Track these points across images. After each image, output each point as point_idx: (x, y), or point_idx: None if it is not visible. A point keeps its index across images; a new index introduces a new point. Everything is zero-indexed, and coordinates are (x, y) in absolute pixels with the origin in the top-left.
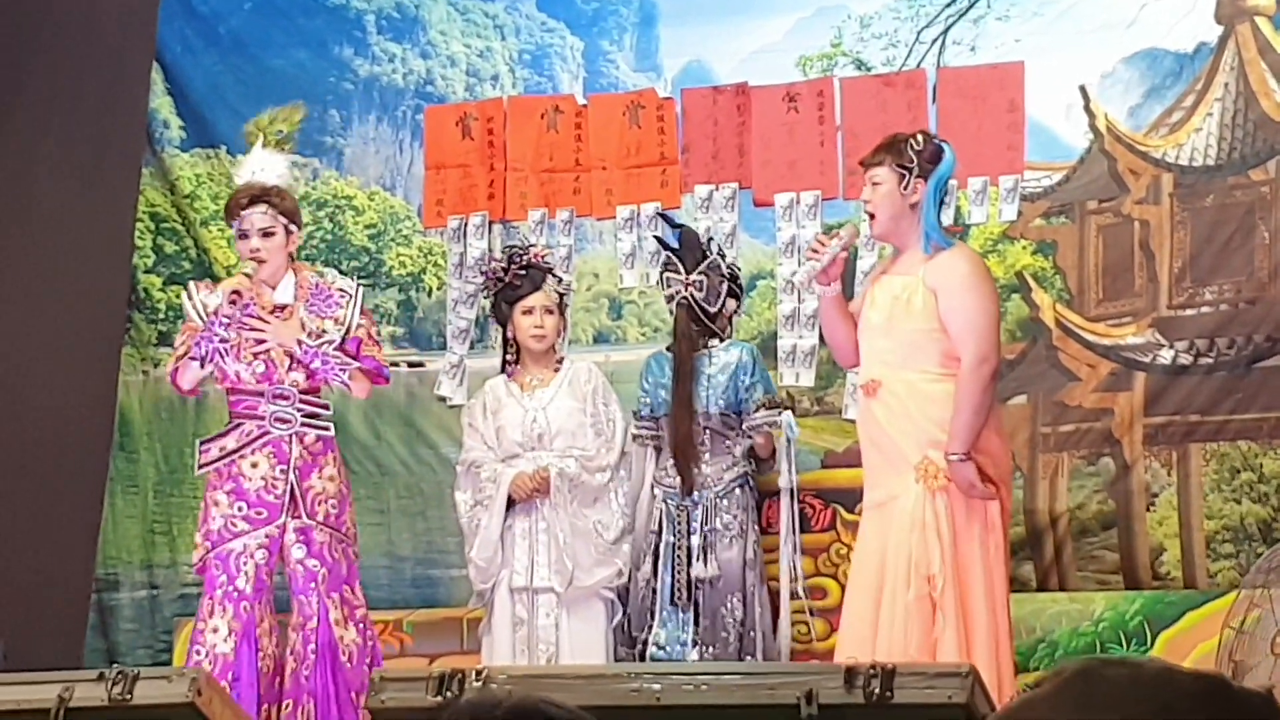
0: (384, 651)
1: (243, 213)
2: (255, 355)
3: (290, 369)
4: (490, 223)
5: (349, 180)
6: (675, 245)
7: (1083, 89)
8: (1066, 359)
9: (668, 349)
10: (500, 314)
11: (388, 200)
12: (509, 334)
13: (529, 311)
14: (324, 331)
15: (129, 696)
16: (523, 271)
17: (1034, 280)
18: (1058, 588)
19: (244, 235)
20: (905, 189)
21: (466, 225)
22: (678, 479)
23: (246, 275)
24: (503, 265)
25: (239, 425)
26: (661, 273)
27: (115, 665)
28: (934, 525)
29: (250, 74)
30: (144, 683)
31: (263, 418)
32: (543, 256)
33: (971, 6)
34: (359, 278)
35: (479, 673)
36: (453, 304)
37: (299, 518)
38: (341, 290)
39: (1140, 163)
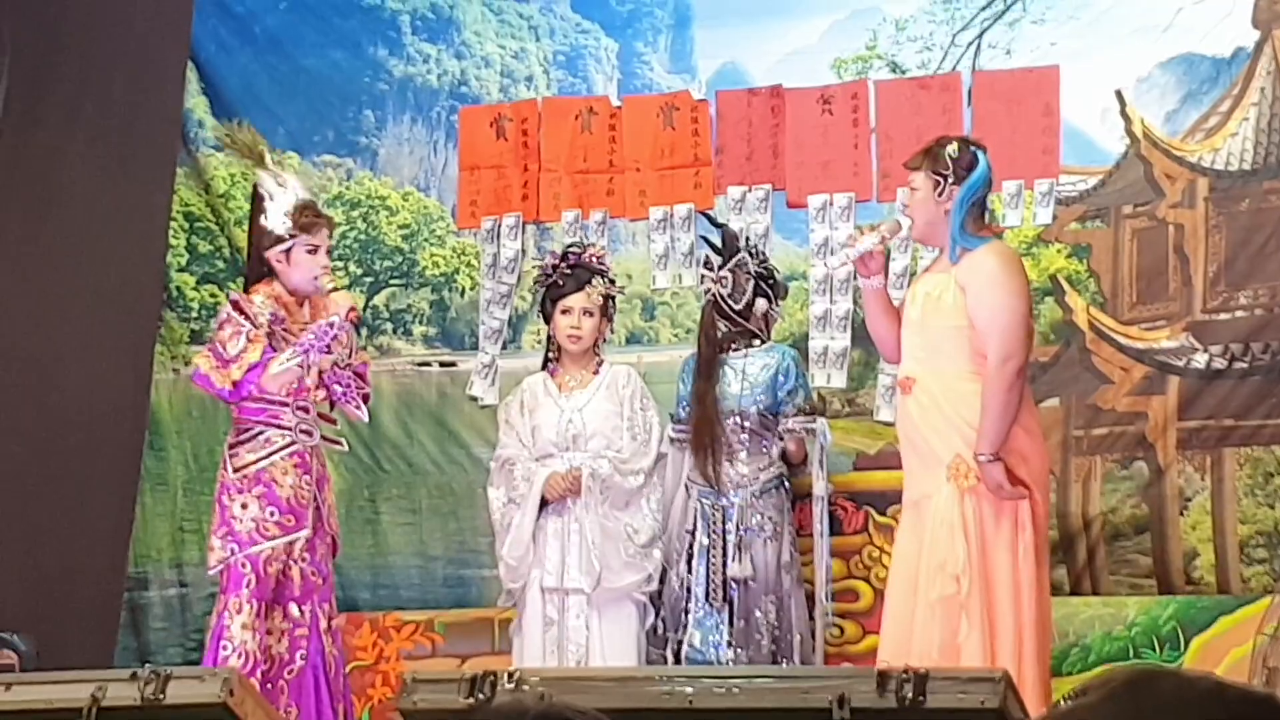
0: (415, 652)
1: (318, 230)
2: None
3: (316, 385)
4: (524, 223)
5: (383, 180)
6: (717, 243)
7: (1118, 93)
8: (1100, 362)
9: None
10: (545, 310)
11: (422, 201)
12: (551, 332)
13: (567, 312)
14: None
15: (162, 696)
16: (569, 271)
17: (1068, 283)
18: (1090, 592)
19: (314, 251)
20: (940, 195)
21: (500, 226)
22: (715, 476)
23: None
24: (553, 262)
25: (262, 433)
26: (702, 272)
27: (148, 664)
28: (962, 525)
29: (285, 73)
30: (176, 682)
31: (289, 428)
32: (599, 257)
33: (1007, 10)
34: (392, 278)
35: (511, 674)
36: (485, 304)
37: (315, 528)
38: (329, 324)
39: (1176, 167)
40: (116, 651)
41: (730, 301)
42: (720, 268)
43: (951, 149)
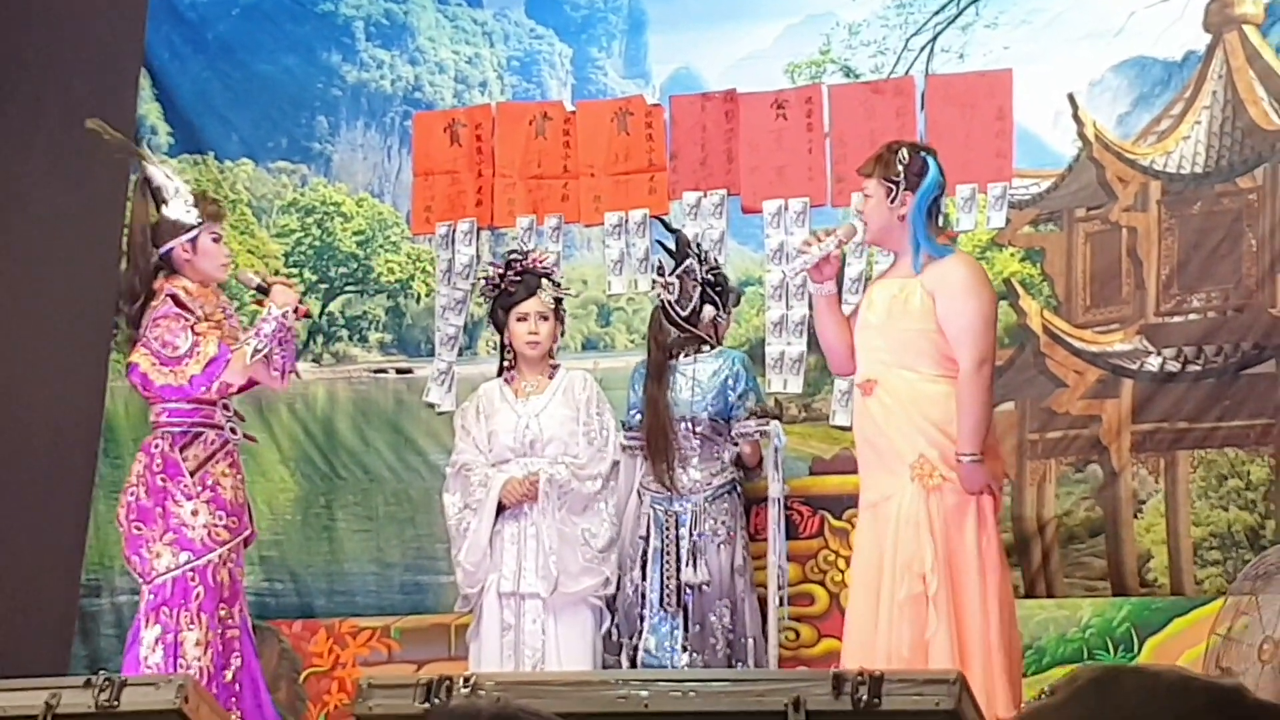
0: (371, 658)
1: (221, 220)
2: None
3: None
4: (478, 229)
5: (337, 187)
6: (671, 248)
7: (1071, 97)
8: (1054, 365)
9: None
10: (497, 320)
11: (376, 207)
12: (505, 340)
13: (523, 318)
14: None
15: (116, 703)
16: (518, 278)
17: (1022, 287)
18: (1045, 594)
19: (218, 239)
20: (893, 201)
21: (455, 232)
22: (667, 481)
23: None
24: (499, 271)
25: (201, 434)
26: (654, 277)
27: (102, 672)
28: (928, 524)
29: (238, 80)
30: (131, 689)
31: (220, 426)
32: (541, 261)
33: (960, 14)
34: (347, 284)
35: (467, 679)
36: (441, 310)
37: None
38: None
39: (1128, 170)
40: (70, 659)
41: (677, 308)
42: (670, 274)
43: (902, 155)
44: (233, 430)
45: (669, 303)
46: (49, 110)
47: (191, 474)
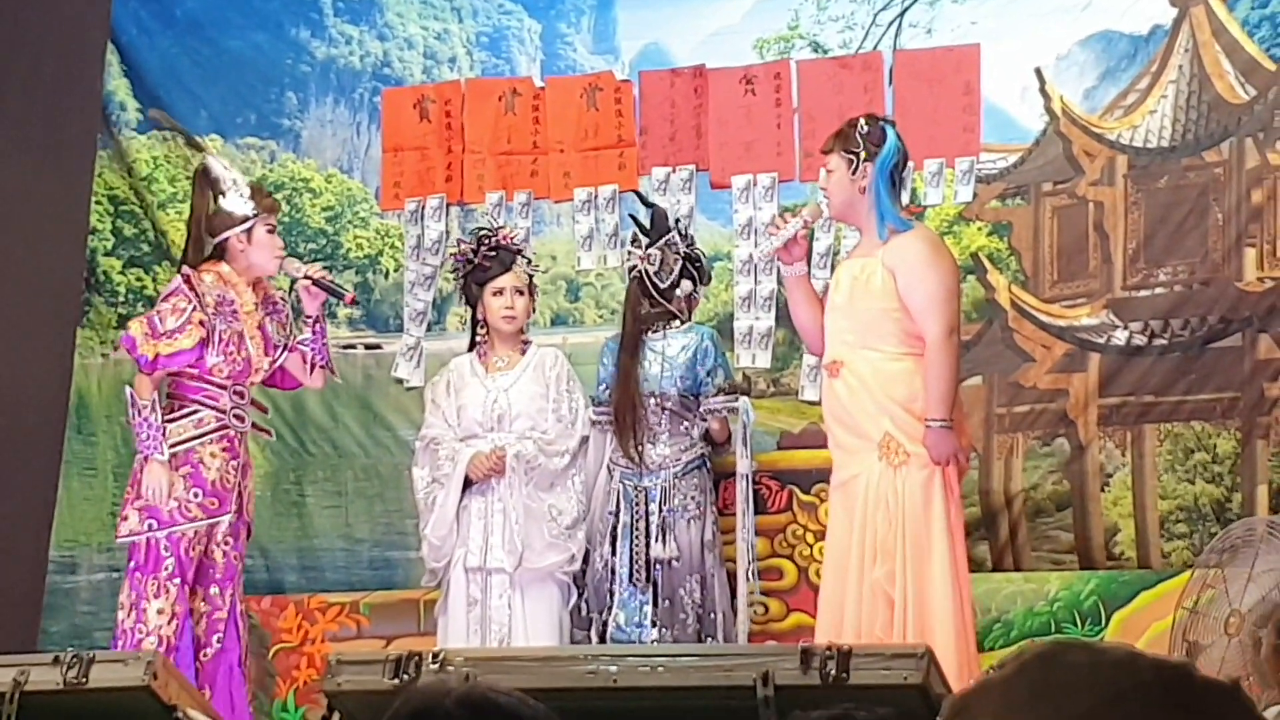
0: (340, 634)
1: (275, 213)
2: (238, 351)
3: (258, 370)
4: (448, 205)
5: (306, 163)
6: (646, 222)
7: (1038, 71)
8: (1021, 340)
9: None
10: (470, 295)
11: (345, 183)
12: (479, 315)
13: (499, 292)
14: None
15: (84, 680)
16: (492, 253)
17: (989, 261)
18: (1013, 568)
19: (272, 230)
20: (855, 173)
21: (424, 207)
22: (636, 457)
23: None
24: (472, 246)
25: (196, 412)
26: (628, 249)
27: (70, 649)
28: (895, 502)
29: (206, 56)
30: (99, 665)
31: (223, 410)
32: (512, 238)
33: None
34: (316, 259)
35: (436, 655)
36: (410, 286)
37: (238, 513)
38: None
39: (1095, 144)
40: (39, 636)
41: (656, 280)
42: (649, 245)
43: (861, 125)
44: (239, 417)
45: (648, 274)
46: (13, 86)
47: (170, 446)
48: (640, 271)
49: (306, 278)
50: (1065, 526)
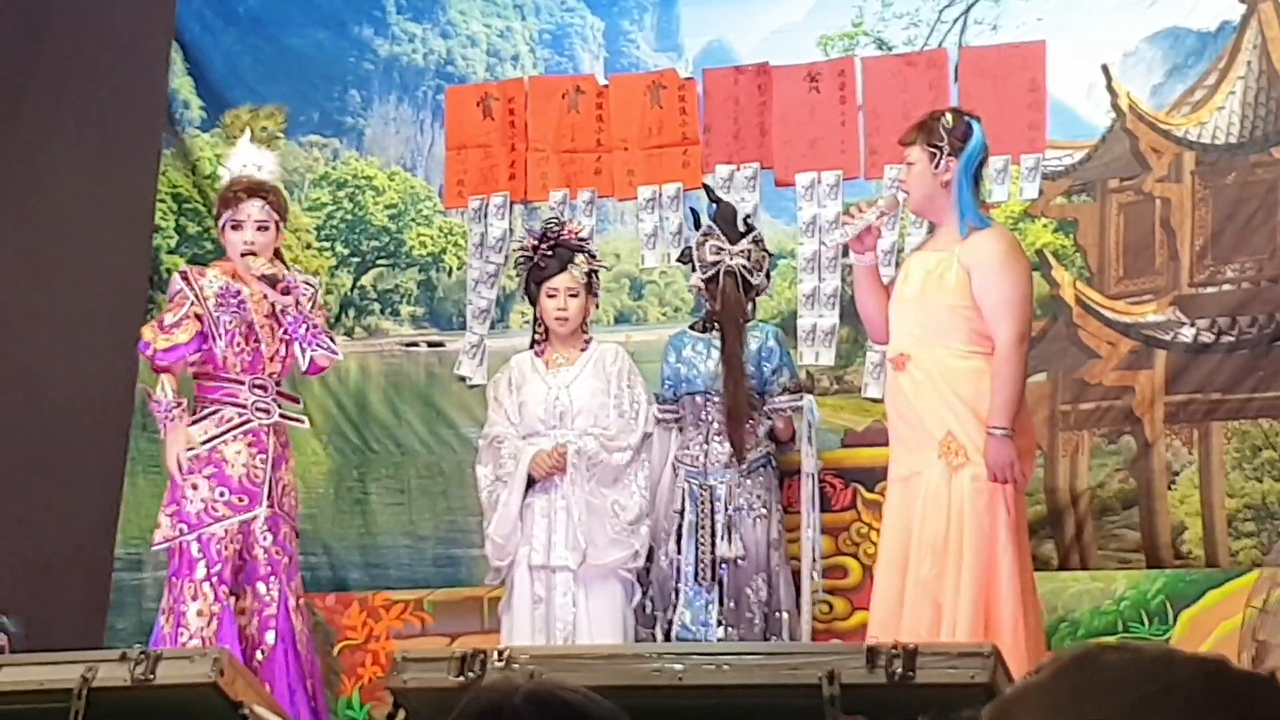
0: (404, 631)
1: (239, 205)
2: (247, 342)
3: (272, 359)
4: (511, 203)
5: (369, 160)
6: (706, 218)
7: (1105, 68)
8: (1087, 336)
9: (690, 328)
10: (530, 292)
11: (408, 180)
12: (537, 312)
13: (553, 294)
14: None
15: (152, 676)
16: (550, 252)
17: (1054, 258)
18: (1079, 566)
19: (238, 226)
20: (937, 168)
21: (487, 205)
22: (702, 455)
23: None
24: (534, 242)
25: (217, 411)
26: (700, 244)
27: (138, 645)
28: (956, 503)
29: (269, 54)
30: (166, 663)
31: (244, 405)
32: (576, 234)
33: None
34: (379, 258)
35: (501, 653)
36: (473, 284)
37: (271, 507)
38: (307, 283)
39: (1162, 141)
40: (106, 633)
41: (748, 276)
42: (736, 240)
43: (946, 120)
44: (262, 410)
45: (743, 270)
46: (78, 85)
47: (190, 449)
48: (735, 269)
49: (262, 277)
50: (1132, 525)
